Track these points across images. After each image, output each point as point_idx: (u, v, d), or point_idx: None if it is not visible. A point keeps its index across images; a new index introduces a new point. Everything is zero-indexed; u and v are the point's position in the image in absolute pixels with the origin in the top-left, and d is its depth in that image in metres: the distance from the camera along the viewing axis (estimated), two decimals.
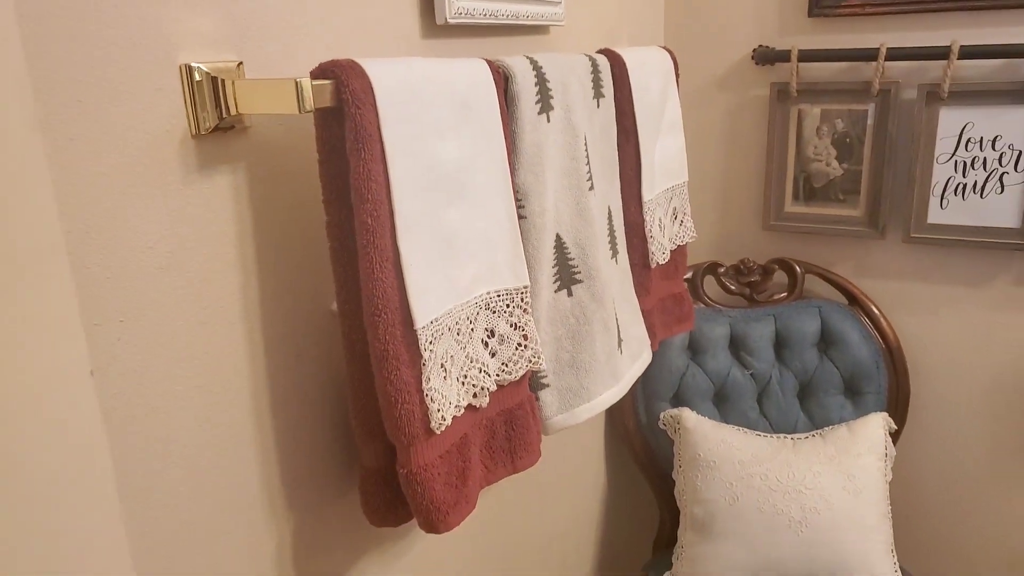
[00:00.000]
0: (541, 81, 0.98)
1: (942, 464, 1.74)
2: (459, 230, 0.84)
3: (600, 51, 1.22)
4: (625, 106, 1.23)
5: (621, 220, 1.25)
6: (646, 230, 1.30)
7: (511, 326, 0.91)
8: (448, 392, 0.80)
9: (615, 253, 1.19)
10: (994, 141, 1.52)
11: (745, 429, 1.59)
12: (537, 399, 1.02)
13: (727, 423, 1.62)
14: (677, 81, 1.44)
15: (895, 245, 1.65)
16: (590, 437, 1.68)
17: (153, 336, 0.71)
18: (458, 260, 0.84)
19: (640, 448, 1.71)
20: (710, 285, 1.75)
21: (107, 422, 0.68)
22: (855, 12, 1.57)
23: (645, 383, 1.66)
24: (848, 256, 1.71)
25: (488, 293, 0.89)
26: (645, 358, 1.26)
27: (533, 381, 1.02)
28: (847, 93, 1.61)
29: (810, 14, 1.60)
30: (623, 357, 1.16)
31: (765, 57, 1.65)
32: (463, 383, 0.84)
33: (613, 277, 1.16)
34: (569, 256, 1.05)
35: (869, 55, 1.54)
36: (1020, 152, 1.50)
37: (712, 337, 1.66)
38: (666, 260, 1.37)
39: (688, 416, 1.58)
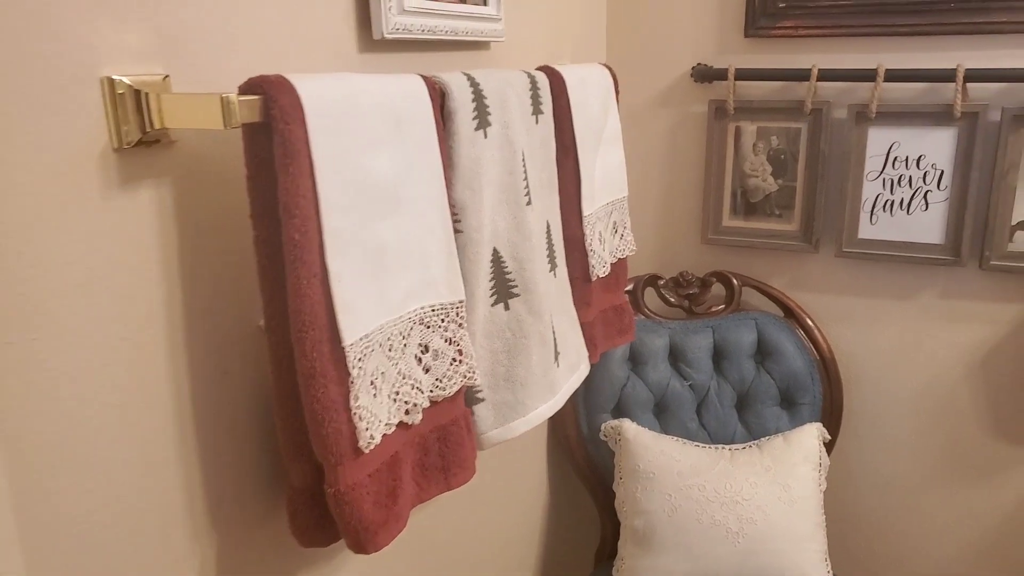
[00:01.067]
0: (478, 97, 0.99)
1: (874, 473, 1.79)
2: (392, 245, 0.84)
3: (540, 68, 1.23)
4: (564, 122, 1.24)
5: (560, 234, 1.26)
6: (586, 244, 1.32)
7: (446, 341, 0.91)
8: (378, 410, 0.80)
9: (554, 267, 1.20)
10: (919, 160, 1.58)
11: (684, 440, 1.61)
12: (472, 414, 1.02)
13: (667, 434, 1.64)
14: (617, 98, 1.46)
15: (828, 259, 1.70)
16: (532, 449, 1.68)
17: (70, 354, 0.69)
18: (390, 275, 0.83)
19: (582, 460, 1.72)
20: (650, 297, 1.77)
21: (10, 445, 0.65)
22: (788, 34, 1.62)
23: (587, 394, 1.68)
24: (784, 269, 1.75)
25: (422, 308, 0.89)
26: (583, 370, 1.27)
27: (468, 396, 1.02)
28: (782, 111, 1.65)
29: (746, 34, 1.65)
30: (560, 370, 1.17)
31: (703, 75, 1.68)
32: (394, 400, 0.83)
33: (551, 290, 1.17)
34: (506, 270, 1.06)
35: (802, 75, 1.59)
36: (942, 171, 1.56)
37: (652, 348, 1.69)
38: (607, 273, 1.39)
39: (628, 427, 1.60)
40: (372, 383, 0.79)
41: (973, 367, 1.66)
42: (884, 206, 1.62)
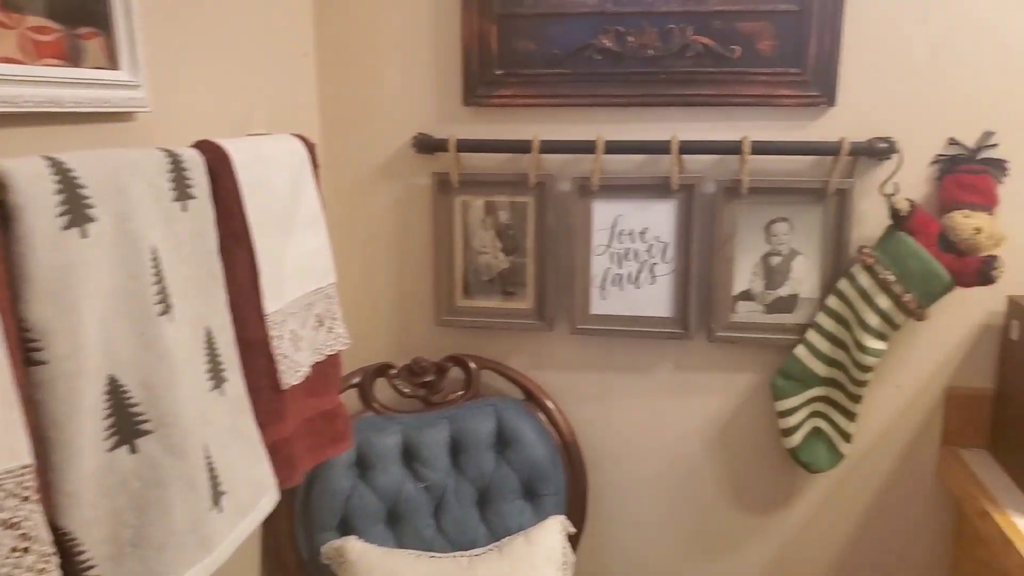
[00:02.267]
0: (70, 187, 0.76)
1: (627, 556, 1.71)
2: None
3: (197, 144, 1.03)
4: (231, 206, 1.04)
5: (231, 339, 1.04)
6: (272, 347, 1.11)
7: (2, 525, 0.66)
8: None
9: (220, 383, 0.99)
10: (643, 233, 1.54)
11: (419, 552, 1.44)
12: None
13: (402, 546, 1.46)
14: (317, 171, 1.29)
15: (564, 337, 1.61)
16: None
17: None
18: None
19: None
20: (382, 389, 1.59)
21: None
22: (508, 103, 1.54)
23: (305, 511, 1.45)
24: (522, 349, 1.65)
25: None
26: (265, 505, 1.05)
27: (74, 573, 0.77)
28: (508, 184, 1.56)
29: (465, 103, 1.55)
30: (224, 515, 0.94)
31: (424, 145, 1.56)
32: None
33: (211, 416, 0.95)
34: (131, 402, 0.83)
35: (524, 147, 1.51)
36: (666, 244, 1.53)
37: (382, 449, 1.50)
38: (305, 376, 1.19)
39: (352, 547, 1.39)
40: None
41: (711, 439, 1.63)
42: (613, 280, 1.56)
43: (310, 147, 1.28)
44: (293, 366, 1.15)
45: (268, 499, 1.06)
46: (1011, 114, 1.40)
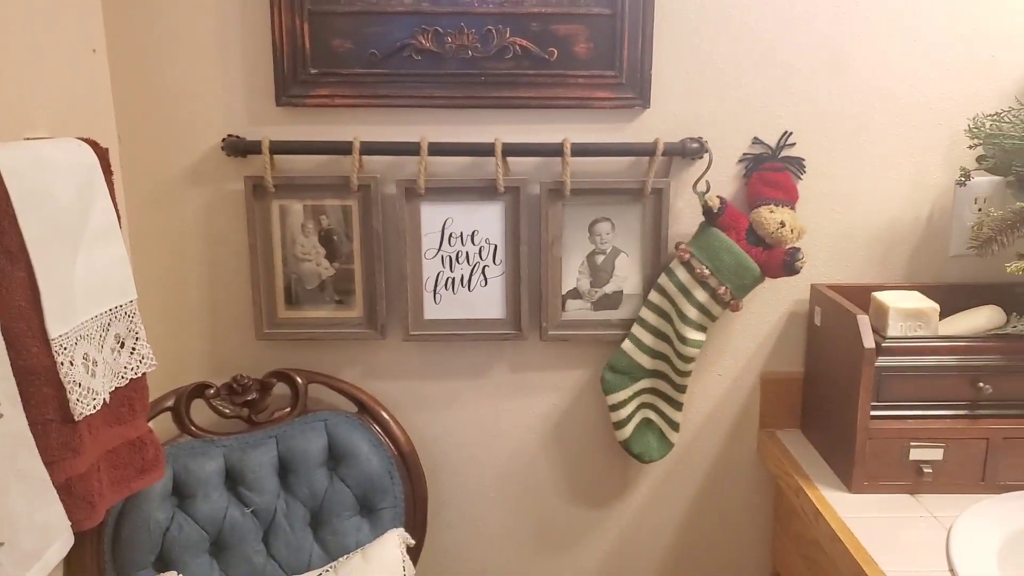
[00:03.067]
0: None
1: (471, 563, 1.69)
2: None
3: None
4: (1, 221, 0.92)
5: (8, 368, 0.92)
6: (60, 374, 1.00)
7: None
8: None
9: None
10: (473, 235, 1.52)
11: None
12: None
13: None
14: (110, 177, 1.17)
15: (397, 344, 1.57)
16: None
17: None
18: None
19: None
20: (200, 411, 1.48)
21: None
22: (325, 103, 1.47)
23: (116, 549, 1.32)
24: (353, 360, 1.59)
25: None
26: (55, 552, 0.94)
27: None
28: (329, 188, 1.49)
29: (278, 103, 1.46)
30: (2, 569, 0.83)
31: (235, 148, 1.46)
32: None
33: None
34: None
35: (344, 148, 1.45)
36: (496, 246, 1.53)
37: (202, 475, 1.39)
38: (100, 406, 1.07)
39: None
40: None
41: (547, 438, 1.64)
42: (446, 284, 1.54)
43: (101, 152, 1.16)
44: (87, 394, 1.04)
45: (60, 544, 0.94)
46: (806, 116, 1.51)
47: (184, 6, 1.44)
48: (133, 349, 1.18)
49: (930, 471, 1.32)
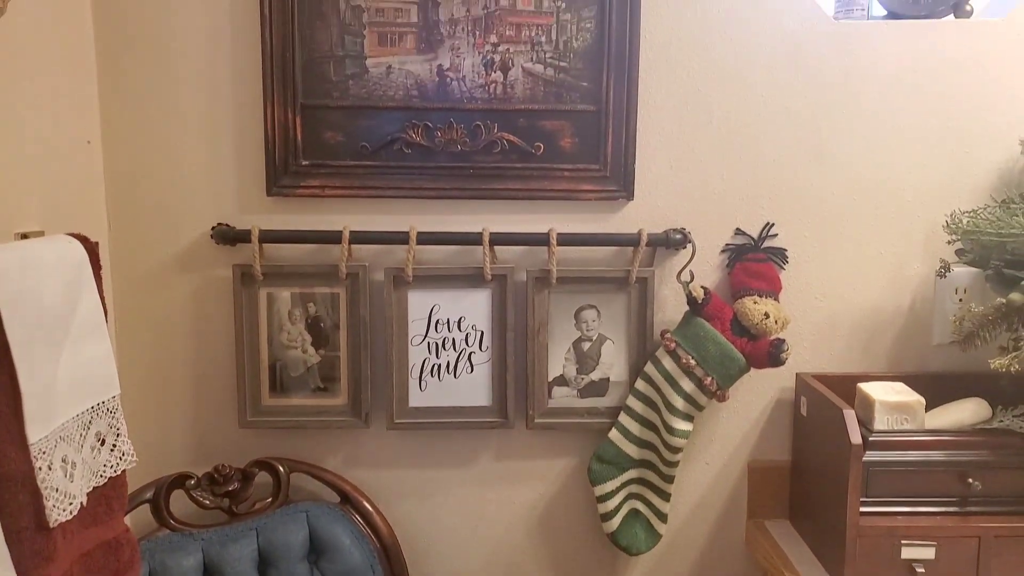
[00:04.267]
0: None
1: None
2: None
3: None
4: None
5: None
6: (37, 480, 0.98)
7: None
8: None
9: None
10: (459, 322, 1.53)
11: None
12: None
13: None
14: (98, 273, 1.17)
15: (381, 433, 1.55)
16: None
17: None
18: None
19: None
20: (180, 502, 1.45)
21: None
22: (315, 193, 1.49)
23: None
24: (336, 449, 1.57)
25: None
26: None
27: None
28: (317, 276, 1.50)
29: (269, 193, 1.48)
30: None
31: (224, 236, 1.47)
32: None
33: None
34: None
35: (333, 238, 1.46)
36: (482, 332, 1.53)
37: (179, 572, 1.36)
38: (75, 512, 1.05)
39: None
40: None
41: (533, 528, 1.62)
42: (432, 371, 1.53)
43: (91, 247, 1.16)
44: (64, 499, 1.01)
45: None
46: (787, 206, 1.54)
47: (180, 98, 1.47)
48: (114, 446, 1.16)
49: (923, 571, 1.30)
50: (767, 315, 1.45)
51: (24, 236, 1.20)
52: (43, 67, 1.28)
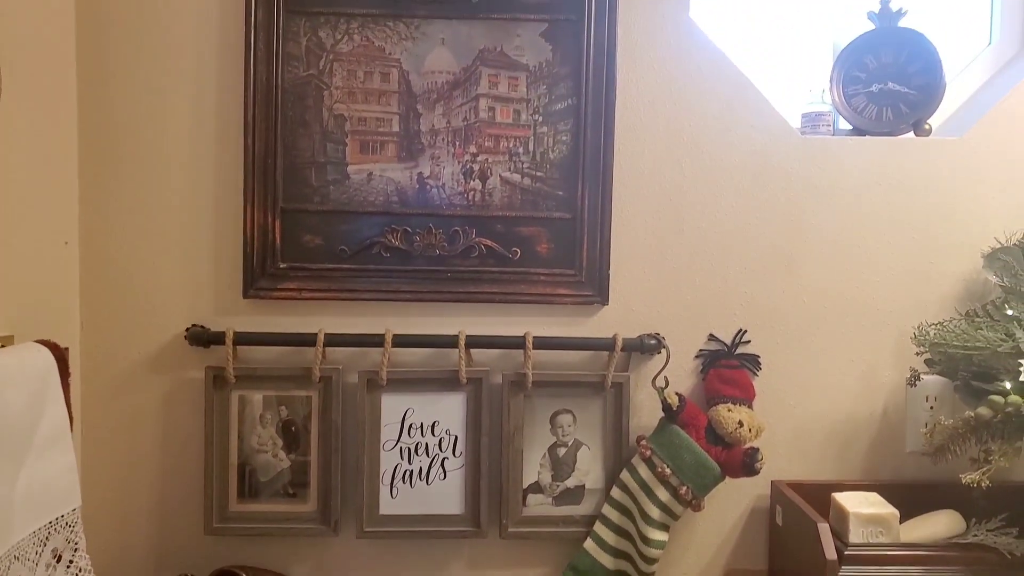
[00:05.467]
0: None
1: None
2: None
3: None
4: None
5: None
6: None
7: None
8: None
9: None
10: (433, 426, 1.51)
11: None
12: None
13: None
14: (66, 381, 1.16)
15: (350, 541, 1.51)
16: None
17: None
18: None
19: None
20: None
21: None
22: (292, 296, 1.49)
23: None
24: (304, 557, 1.53)
25: None
26: None
27: None
28: (290, 379, 1.49)
29: (245, 295, 1.48)
30: None
31: (198, 338, 1.46)
32: None
33: None
34: None
35: (308, 340, 1.46)
36: (456, 437, 1.51)
37: None
38: None
39: None
40: None
41: None
42: (404, 477, 1.51)
43: (60, 354, 1.15)
44: None
45: None
46: (759, 314, 1.56)
47: (161, 198, 1.48)
48: (71, 561, 1.12)
49: None
50: (741, 423, 1.45)
51: None
52: (24, 168, 1.29)
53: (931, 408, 1.51)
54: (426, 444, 1.51)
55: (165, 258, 1.49)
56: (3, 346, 1.18)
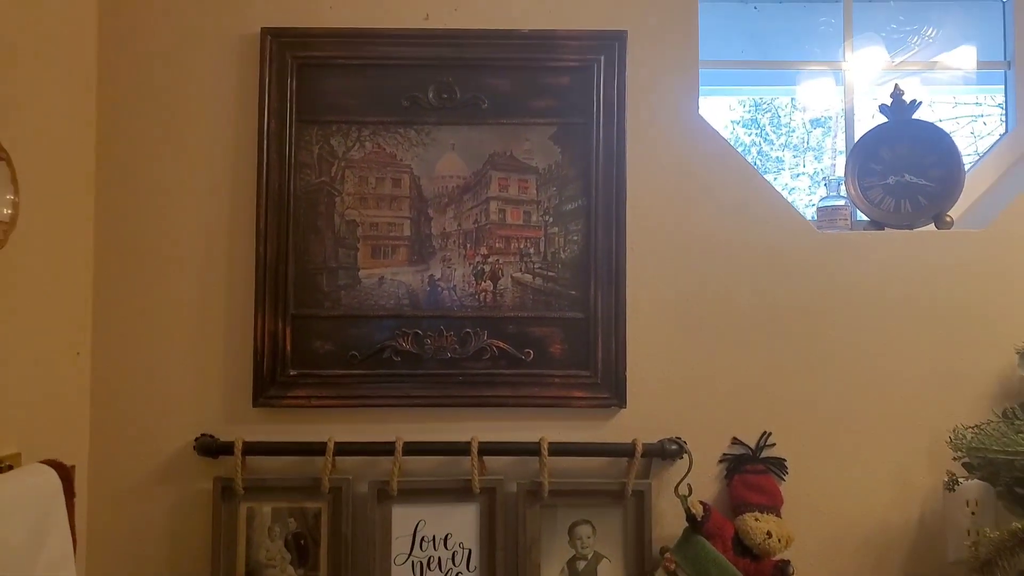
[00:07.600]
0: None
1: None
2: None
3: None
4: None
5: None
6: None
7: None
8: None
9: None
10: (446, 539, 1.45)
11: None
12: None
13: None
14: (71, 502, 1.13)
15: None
16: None
17: None
18: None
19: None
20: None
21: None
22: (302, 404, 1.47)
23: None
24: None
25: None
26: None
27: None
28: (299, 490, 1.45)
29: (255, 404, 1.46)
30: None
31: (207, 448, 1.44)
32: None
33: None
34: None
35: (318, 449, 1.42)
36: (470, 551, 1.45)
37: None
38: None
39: None
40: None
41: None
42: None
43: (66, 473, 1.13)
44: None
45: None
46: (784, 415, 1.50)
47: (172, 309, 1.48)
48: None
49: None
50: (770, 534, 1.38)
51: None
52: (40, 277, 1.30)
53: (972, 514, 1.42)
54: (439, 558, 1.45)
55: (175, 367, 1.48)
56: (11, 465, 1.16)
